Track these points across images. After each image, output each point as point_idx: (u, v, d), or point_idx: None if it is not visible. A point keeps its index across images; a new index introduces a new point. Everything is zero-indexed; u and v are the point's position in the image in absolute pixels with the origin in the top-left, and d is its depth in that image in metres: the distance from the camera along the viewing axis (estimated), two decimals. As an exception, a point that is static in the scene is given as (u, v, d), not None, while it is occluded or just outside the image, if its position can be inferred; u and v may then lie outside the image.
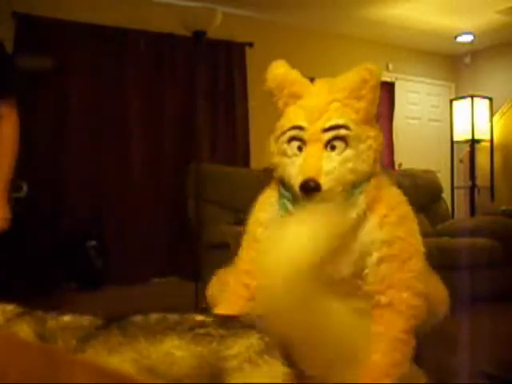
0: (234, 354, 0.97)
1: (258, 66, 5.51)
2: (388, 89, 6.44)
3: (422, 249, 1.61)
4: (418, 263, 1.56)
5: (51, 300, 3.37)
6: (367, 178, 1.53)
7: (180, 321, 1.04)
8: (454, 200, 6.28)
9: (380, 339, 1.45)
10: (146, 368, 0.93)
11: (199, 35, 3.44)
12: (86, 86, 4.59)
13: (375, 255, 1.51)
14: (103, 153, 4.68)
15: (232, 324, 1.05)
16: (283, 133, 1.59)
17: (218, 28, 3.50)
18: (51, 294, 3.63)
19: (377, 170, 1.58)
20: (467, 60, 6.74)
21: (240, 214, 3.72)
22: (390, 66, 6.48)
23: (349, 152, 1.48)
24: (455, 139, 6.22)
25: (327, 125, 1.48)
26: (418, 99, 6.77)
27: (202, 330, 1.00)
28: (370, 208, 1.52)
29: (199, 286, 3.30)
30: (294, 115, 1.59)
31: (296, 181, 1.50)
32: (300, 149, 1.54)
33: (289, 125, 1.58)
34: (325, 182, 1.45)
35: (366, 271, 1.55)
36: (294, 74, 1.73)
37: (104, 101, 4.68)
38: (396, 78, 6.53)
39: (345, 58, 6.16)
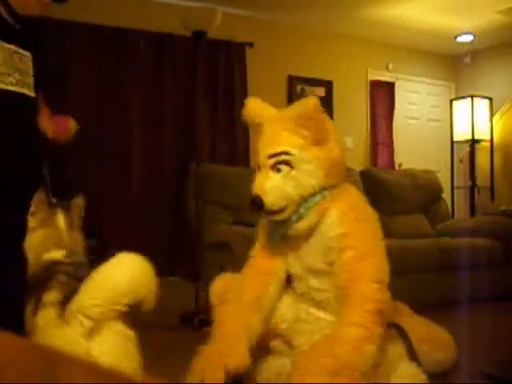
0: None
1: (257, 66, 5.57)
2: (388, 89, 6.44)
3: (383, 253, 1.75)
4: (379, 261, 1.72)
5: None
6: (318, 191, 1.74)
7: None
8: (454, 200, 6.28)
9: (351, 315, 1.62)
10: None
11: (199, 35, 3.43)
12: (86, 86, 4.59)
13: (336, 247, 1.72)
14: (103, 152, 4.68)
15: None
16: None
17: (218, 28, 3.50)
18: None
19: (333, 181, 1.78)
20: (467, 60, 6.74)
21: (240, 214, 3.73)
22: (390, 66, 6.48)
23: (293, 173, 1.72)
24: (455, 139, 6.22)
25: (270, 152, 1.74)
26: (418, 99, 6.77)
27: None
28: (329, 208, 1.75)
29: (199, 285, 3.30)
30: (257, 144, 1.89)
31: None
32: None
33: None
34: (267, 199, 1.71)
35: (333, 267, 1.74)
36: (261, 108, 1.95)
37: (104, 101, 4.68)
38: (396, 78, 6.53)
39: (345, 58, 6.17)
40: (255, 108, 1.95)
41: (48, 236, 1.78)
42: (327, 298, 1.82)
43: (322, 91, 5.95)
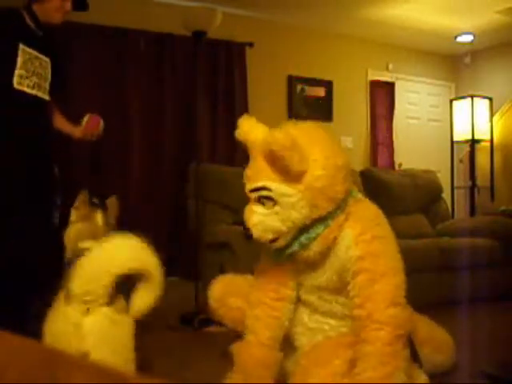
0: None
1: (257, 66, 5.56)
2: (388, 89, 6.44)
3: (400, 266, 1.74)
4: (394, 278, 1.68)
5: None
6: (309, 221, 1.67)
7: None
8: (454, 200, 6.28)
9: (368, 356, 1.57)
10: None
11: (199, 35, 3.43)
12: (86, 86, 4.59)
13: (351, 269, 1.66)
14: (103, 152, 4.68)
15: None
16: None
17: (218, 28, 3.50)
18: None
19: (327, 208, 1.67)
20: (467, 60, 6.74)
21: (240, 214, 3.73)
22: (390, 66, 6.48)
23: (276, 208, 1.66)
24: (455, 139, 6.22)
25: (252, 186, 1.73)
26: (418, 99, 6.77)
27: None
28: (346, 227, 1.70)
29: (199, 285, 3.30)
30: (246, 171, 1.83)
31: None
32: None
33: None
34: (255, 233, 1.72)
35: (348, 288, 1.68)
36: (250, 131, 1.87)
37: (104, 100, 4.68)
38: (396, 78, 6.53)
39: (345, 58, 6.17)
40: (246, 131, 1.88)
41: (85, 229, 2.01)
42: (331, 309, 1.81)
43: (322, 91, 5.95)
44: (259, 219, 1.70)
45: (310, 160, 1.63)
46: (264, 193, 1.68)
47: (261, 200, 1.70)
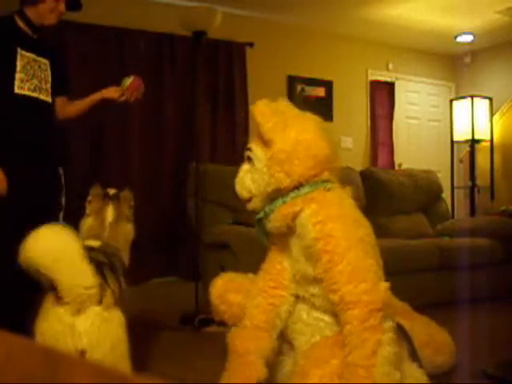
0: None
1: (257, 66, 5.56)
2: (388, 89, 6.44)
3: (360, 243, 1.69)
4: (355, 256, 1.65)
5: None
6: (271, 191, 1.78)
7: None
8: (454, 200, 6.28)
9: (349, 336, 1.59)
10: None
11: (199, 35, 3.43)
12: (86, 86, 4.58)
13: (313, 251, 1.70)
14: (103, 153, 4.68)
15: None
16: None
17: (218, 28, 3.50)
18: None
19: (286, 183, 1.76)
20: (467, 60, 6.74)
21: (240, 214, 3.72)
22: (390, 66, 6.48)
23: (252, 168, 1.88)
24: (455, 139, 6.22)
25: (247, 147, 1.95)
26: (418, 99, 6.77)
27: None
28: (305, 209, 1.74)
29: (199, 285, 3.30)
30: None
31: None
32: None
33: None
34: (236, 186, 1.93)
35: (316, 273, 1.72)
36: (264, 110, 1.96)
37: (104, 101, 4.67)
38: (396, 78, 6.53)
39: (345, 58, 6.17)
40: (257, 112, 1.97)
41: (93, 226, 2.05)
42: (325, 304, 1.81)
43: (321, 91, 5.95)
44: (241, 176, 1.91)
45: (284, 134, 1.78)
46: (248, 153, 1.91)
47: (248, 160, 1.91)
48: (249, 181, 1.88)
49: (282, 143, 1.77)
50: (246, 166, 1.93)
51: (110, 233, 2.08)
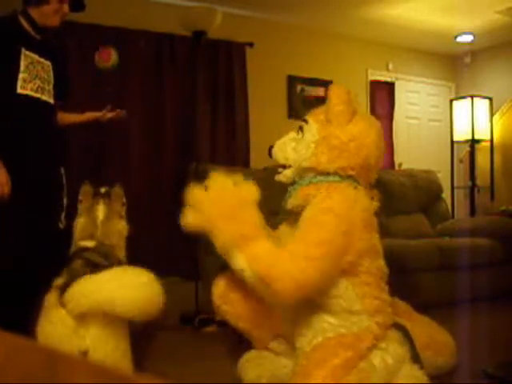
0: None
1: (257, 66, 5.56)
2: (388, 89, 6.44)
3: (327, 244, 1.69)
4: (305, 245, 1.67)
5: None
6: (306, 168, 1.84)
7: None
8: (454, 200, 6.28)
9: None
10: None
11: (199, 35, 3.43)
12: (86, 86, 4.59)
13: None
14: (103, 153, 4.68)
15: None
16: None
17: (218, 28, 3.50)
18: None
19: (327, 167, 1.81)
20: (467, 60, 6.74)
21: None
22: (390, 66, 6.48)
23: (300, 136, 1.89)
24: (455, 139, 6.22)
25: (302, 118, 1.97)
26: (417, 99, 6.77)
27: None
28: (309, 200, 1.80)
29: (199, 285, 3.30)
30: None
31: None
32: None
33: None
34: (274, 149, 1.97)
35: None
36: (341, 94, 2.00)
37: (104, 101, 4.67)
38: (396, 78, 6.53)
39: (345, 58, 6.17)
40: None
41: (86, 226, 2.05)
42: (328, 304, 1.81)
43: (322, 91, 5.95)
44: (284, 140, 1.93)
45: (347, 125, 1.81)
46: (302, 123, 1.91)
47: (299, 130, 1.91)
48: (290, 149, 1.90)
49: (341, 131, 1.81)
50: (292, 134, 1.94)
51: (103, 231, 2.07)
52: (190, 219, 1.77)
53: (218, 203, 1.70)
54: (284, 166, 1.93)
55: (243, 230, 1.68)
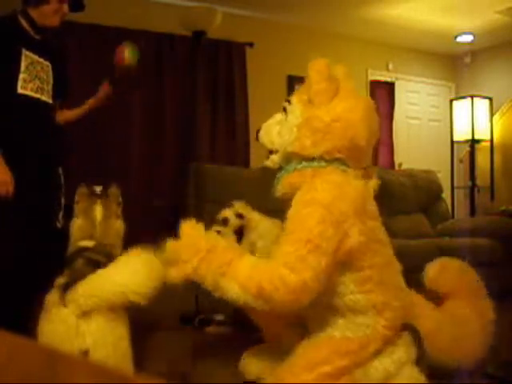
0: None
1: (257, 66, 5.56)
2: (388, 89, 6.44)
3: (315, 240, 1.55)
4: (298, 245, 1.54)
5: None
6: (291, 153, 1.73)
7: None
8: (454, 200, 6.28)
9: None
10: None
11: (199, 35, 3.44)
12: (86, 86, 4.58)
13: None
14: (103, 152, 4.68)
15: None
16: None
17: (218, 28, 3.50)
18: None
19: (311, 150, 1.68)
20: (467, 60, 6.74)
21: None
22: (390, 66, 6.48)
23: (284, 120, 1.78)
24: (455, 139, 6.22)
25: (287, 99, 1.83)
26: (418, 99, 6.77)
27: None
28: (297, 187, 1.69)
29: (199, 285, 3.30)
30: None
31: None
32: None
33: None
34: (261, 130, 1.89)
35: None
36: (322, 69, 1.79)
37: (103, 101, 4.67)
38: (396, 78, 6.53)
39: (345, 58, 6.16)
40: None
41: (84, 227, 2.04)
42: (334, 302, 1.72)
43: (321, 91, 5.95)
44: (269, 123, 1.85)
45: (330, 103, 1.67)
46: (285, 104, 1.79)
47: (283, 111, 1.80)
48: (275, 132, 1.80)
49: (323, 111, 1.66)
50: (278, 116, 1.82)
51: (101, 231, 2.07)
52: (173, 274, 1.69)
53: (192, 247, 1.63)
54: (271, 151, 1.82)
55: (223, 258, 1.59)
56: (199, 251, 1.64)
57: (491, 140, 6.14)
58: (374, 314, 1.67)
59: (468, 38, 6.17)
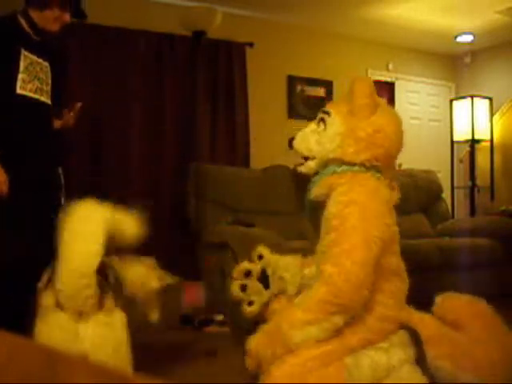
0: None
1: (257, 66, 5.56)
2: (388, 89, 6.44)
3: (364, 241, 1.71)
4: (353, 246, 1.69)
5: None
6: (331, 159, 1.86)
7: None
8: (454, 200, 6.28)
9: (305, 299, 1.70)
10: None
11: (199, 35, 3.44)
12: (86, 86, 4.59)
13: (328, 225, 1.78)
14: (103, 152, 4.68)
15: None
16: None
17: (218, 28, 3.50)
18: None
19: (352, 158, 1.84)
20: (467, 60, 6.74)
21: (240, 214, 3.72)
22: (390, 66, 6.48)
23: (321, 128, 1.92)
24: (455, 139, 6.22)
25: (323, 109, 1.99)
26: (418, 99, 6.76)
27: None
28: (334, 188, 1.83)
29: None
30: None
31: None
32: None
33: None
34: (295, 141, 1.99)
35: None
36: (365, 88, 1.98)
37: (104, 101, 4.68)
38: (396, 78, 6.53)
39: (345, 58, 6.17)
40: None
41: None
42: None
43: (322, 91, 5.95)
44: (306, 132, 1.97)
45: (372, 117, 1.84)
46: (323, 115, 1.93)
47: (320, 121, 1.94)
48: (313, 141, 1.93)
49: (367, 124, 1.84)
50: (313, 126, 1.96)
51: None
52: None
53: (266, 347, 1.72)
54: (306, 158, 1.96)
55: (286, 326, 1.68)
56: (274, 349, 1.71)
57: (491, 140, 6.14)
58: (365, 310, 1.75)
59: (468, 38, 6.17)
